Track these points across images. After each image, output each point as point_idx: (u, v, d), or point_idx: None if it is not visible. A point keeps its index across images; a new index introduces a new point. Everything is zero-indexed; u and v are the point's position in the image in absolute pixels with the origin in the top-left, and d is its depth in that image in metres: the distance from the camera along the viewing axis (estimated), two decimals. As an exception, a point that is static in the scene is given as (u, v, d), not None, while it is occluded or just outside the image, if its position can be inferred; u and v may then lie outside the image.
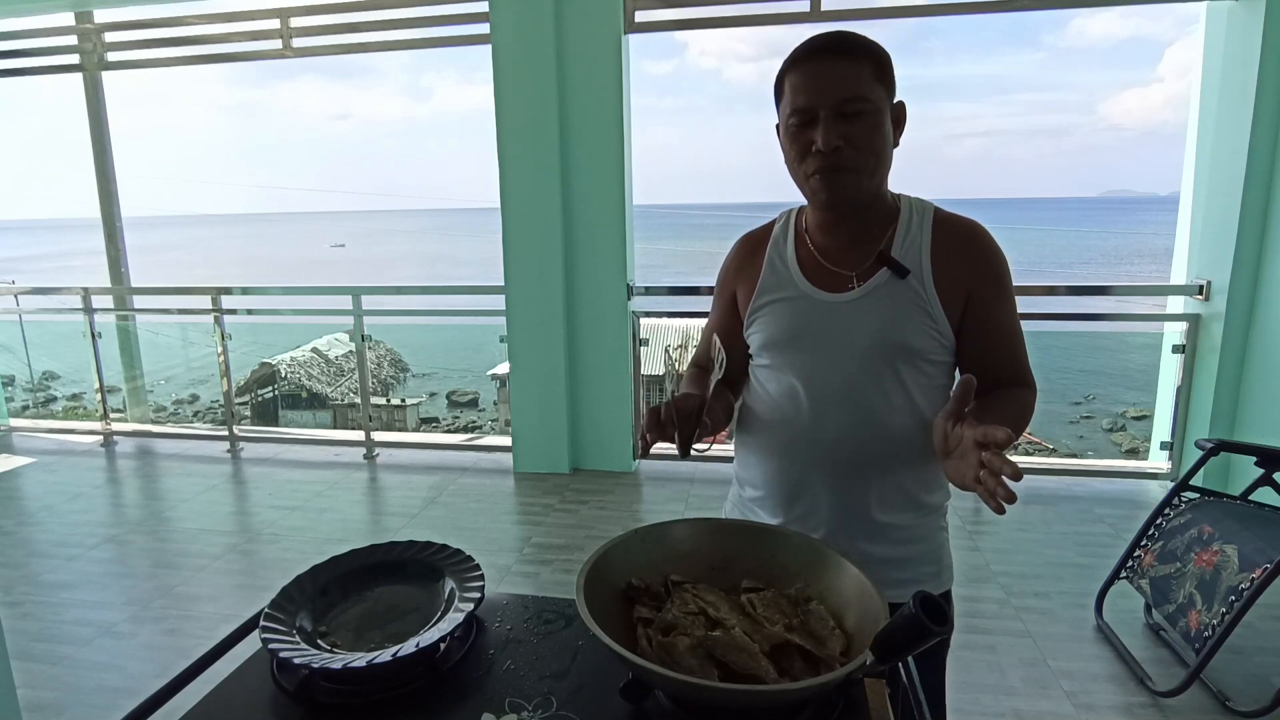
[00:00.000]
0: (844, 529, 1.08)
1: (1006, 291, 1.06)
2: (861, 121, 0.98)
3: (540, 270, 3.88)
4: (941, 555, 1.13)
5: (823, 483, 1.07)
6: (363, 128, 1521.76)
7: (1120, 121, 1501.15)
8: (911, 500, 1.08)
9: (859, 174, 1.00)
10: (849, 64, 0.98)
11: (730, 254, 1.21)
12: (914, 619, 0.67)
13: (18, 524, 3.52)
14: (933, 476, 1.09)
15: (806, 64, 1.00)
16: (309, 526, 3.44)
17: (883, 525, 1.07)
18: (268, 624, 0.89)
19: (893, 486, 1.07)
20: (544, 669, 0.88)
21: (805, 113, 0.99)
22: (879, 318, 1.03)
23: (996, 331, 1.06)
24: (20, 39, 4.62)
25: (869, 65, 0.98)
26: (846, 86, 0.97)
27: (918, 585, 1.08)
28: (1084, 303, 4.30)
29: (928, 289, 1.03)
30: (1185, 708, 2.10)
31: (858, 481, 1.06)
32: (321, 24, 4.16)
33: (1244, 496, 2.38)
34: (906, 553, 1.09)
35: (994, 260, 1.05)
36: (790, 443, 1.09)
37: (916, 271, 1.03)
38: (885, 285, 1.04)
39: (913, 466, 1.07)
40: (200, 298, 4.64)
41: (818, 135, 0.98)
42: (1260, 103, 3.19)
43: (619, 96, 3.72)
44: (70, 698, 2.25)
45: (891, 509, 1.07)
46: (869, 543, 1.08)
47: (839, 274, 1.07)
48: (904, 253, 1.04)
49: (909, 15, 3.71)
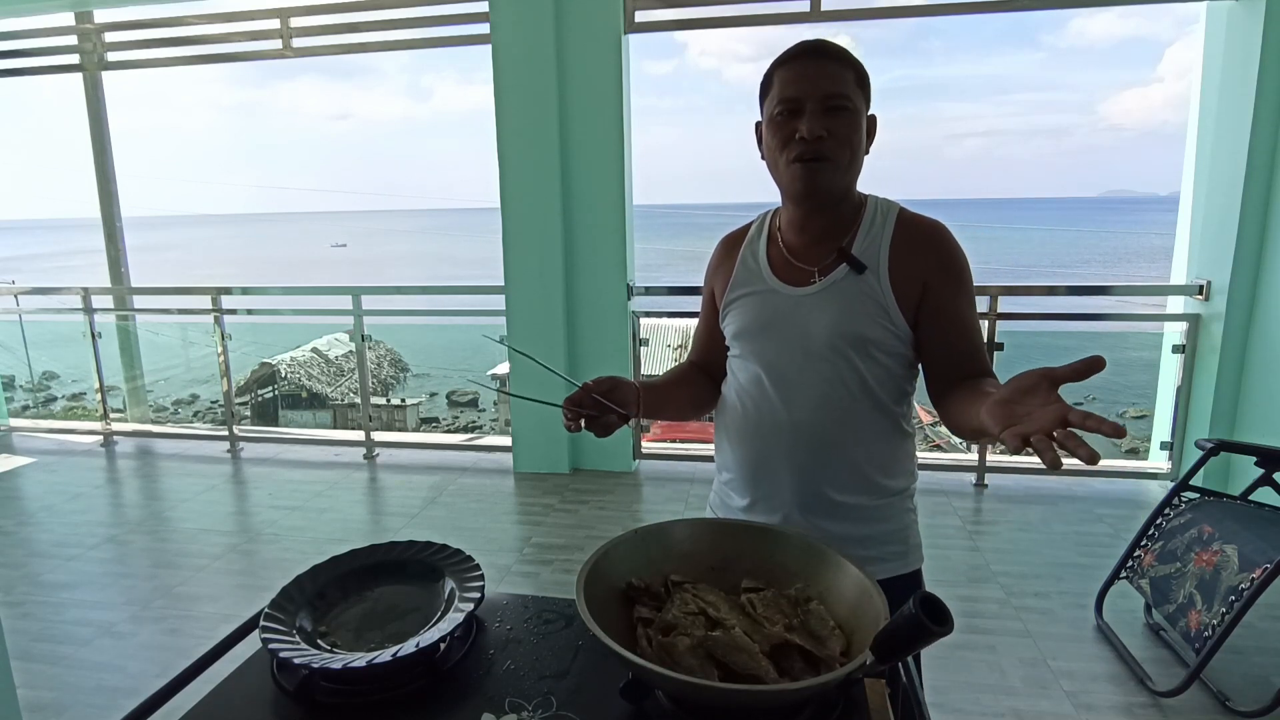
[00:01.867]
0: (805, 508, 1.13)
1: (965, 288, 1.11)
2: (843, 118, 1.04)
3: (540, 270, 3.88)
4: (908, 536, 1.17)
5: (785, 465, 1.13)
6: (363, 128, 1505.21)
7: (1120, 121, 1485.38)
8: (869, 482, 1.13)
9: (836, 165, 1.06)
10: (835, 65, 1.05)
11: (713, 254, 1.28)
12: (914, 619, 0.67)
13: (18, 524, 3.52)
14: (891, 461, 1.14)
15: (797, 61, 1.07)
16: (309, 526, 3.44)
17: (842, 505, 1.13)
18: (268, 624, 0.89)
19: (849, 469, 1.12)
20: (544, 669, 0.88)
21: (792, 102, 1.05)
22: (836, 311, 1.09)
23: (955, 324, 1.09)
24: (20, 39, 4.62)
25: (851, 72, 1.06)
26: (833, 83, 1.04)
27: (884, 563, 1.14)
28: (1084, 303, 4.30)
29: (883, 284, 1.08)
30: (1185, 708, 2.10)
31: (817, 464, 1.12)
32: (321, 24, 4.16)
33: (1244, 496, 2.38)
34: (869, 531, 1.14)
35: (952, 256, 1.10)
36: (756, 427, 1.15)
37: (874, 267, 1.09)
38: (843, 280, 1.10)
39: (868, 451, 1.12)
40: (200, 298, 4.64)
41: (802, 125, 1.04)
42: (1260, 103, 3.19)
43: (619, 96, 3.72)
44: (70, 698, 2.25)
45: (849, 490, 1.12)
46: (829, 521, 1.13)
47: (803, 269, 1.13)
48: (864, 250, 1.10)
49: (909, 15, 3.71)
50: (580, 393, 1.03)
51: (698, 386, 1.27)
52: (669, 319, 4.74)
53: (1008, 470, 3.86)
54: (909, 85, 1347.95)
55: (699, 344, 1.32)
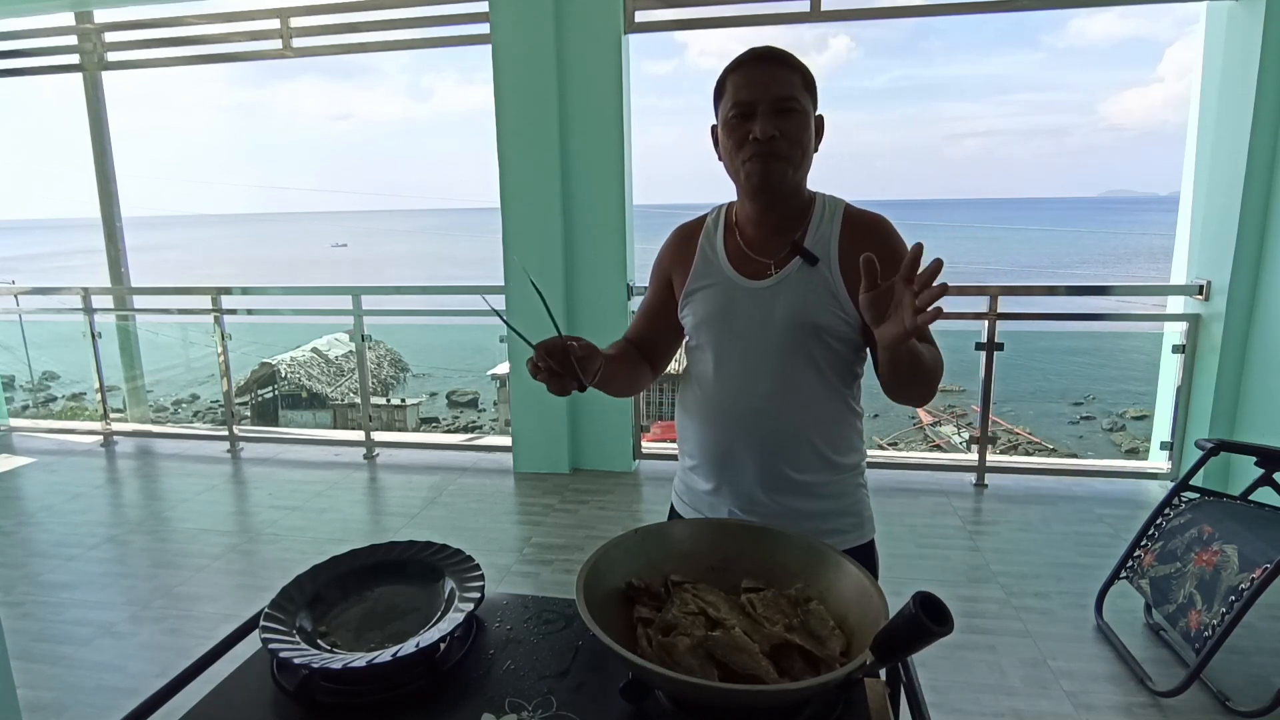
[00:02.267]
0: (766, 488, 1.19)
1: None
2: (794, 119, 1.11)
3: (540, 270, 3.88)
4: (861, 509, 1.25)
5: (747, 448, 1.19)
6: (363, 128, 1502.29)
7: (1120, 121, 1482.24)
8: (826, 461, 1.20)
9: (788, 163, 1.12)
10: (785, 70, 1.12)
11: (666, 242, 1.33)
12: (914, 619, 0.67)
13: (18, 524, 3.52)
14: (843, 440, 1.21)
15: (749, 67, 1.13)
16: (309, 526, 3.44)
17: (801, 483, 1.19)
18: (268, 624, 0.89)
19: (807, 449, 1.19)
20: (544, 669, 0.88)
21: (745, 106, 1.11)
22: (792, 301, 1.15)
23: None
24: (20, 39, 4.62)
25: (799, 76, 1.13)
26: (783, 87, 1.11)
27: (842, 535, 1.21)
28: (1084, 303, 4.30)
29: (834, 275, 1.15)
30: (1185, 708, 2.10)
31: (777, 446, 1.18)
32: (321, 24, 4.16)
33: (1244, 496, 2.38)
34: (827, 507, 1.21)
35: (895, 246, 1.17)
36: (719, 414, 1.21)
37: (825, 259, 1.16)
38: (798, 272, 1.16)
39: (825, 432, 1.19)
40: (200, 298, 4.64)
41: (756, 126, 1.10)
42: (1260, 103, 3.19)
43: (619, 96, 3.72)
44: (70, 698, 2.25)
45: (806, 469, 1.19)
46: (792, 498, 1.19)
47: (760, 262, 1.19)
48: (815, 243, 1.17)
49: (909, 15, 3.71)
50: (559, 344, 1.02)
51: (635, 366, 1.31)
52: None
53: (1008, 470, 3.86)
54: (909, 85, 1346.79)
55: (639, 323, 1.34)
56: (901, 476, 3.83)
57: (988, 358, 3.68)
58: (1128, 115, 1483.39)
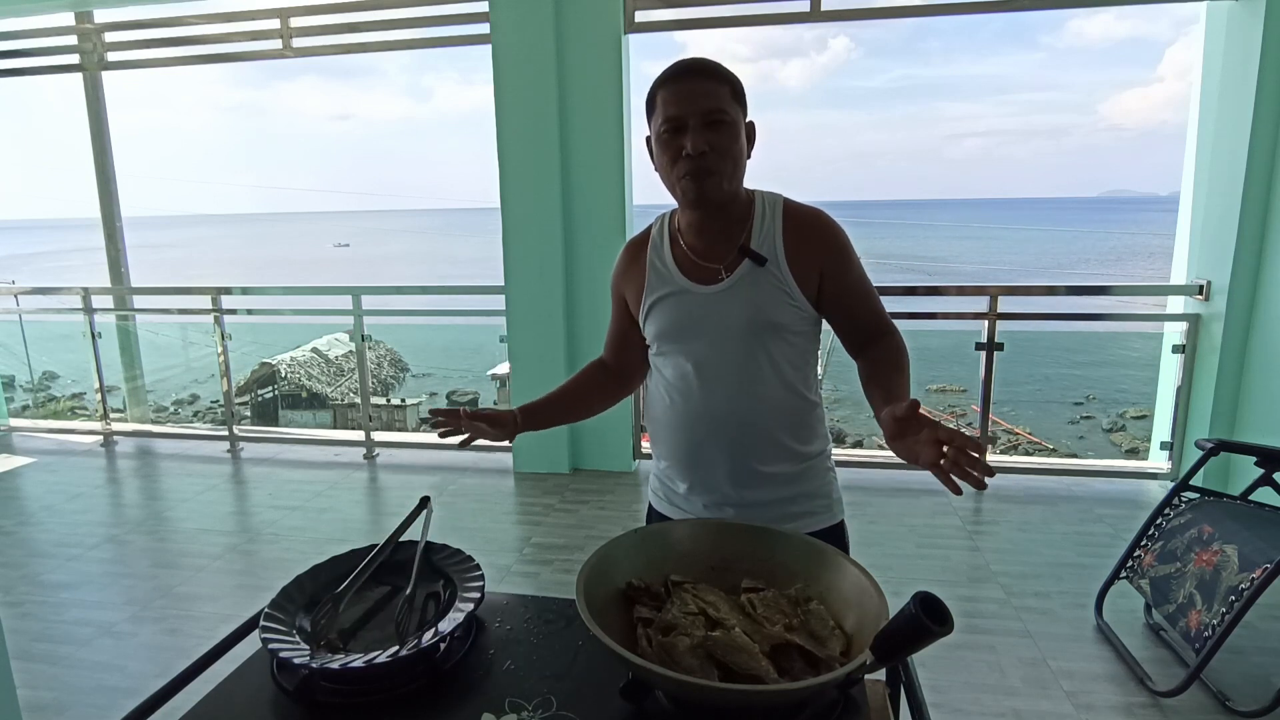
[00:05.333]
0: (736, 483, 1.23)
1: (852, 260, 1.22)
2: (724, 131, 1.12)
3: (540, 270, 3.88)
4: (830, 491, 1.29)
5: (716, 449, 1.22)
6: (363, 128, 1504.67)
7: (1120, 121, 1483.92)
8: (789, 452, 1.23)
9: (721, 176, 1.14)
10: (712, 83, 1.13)
11: (618, 261, 1.36)
12: (914, 619, 0.67)
13: (18, 524, 3.52)
14: (806, 429, 1.25)
15: (677, 81, 1.14)
16: (309, 526, 3.44)
17: (770, 475, 1.23)
18: (268, 624, 0.89)
19: (772, 443, 1.22)
20: (544, 669, 0.88)
21: (676, 120, 1.13)
22: (747, 302, 1.18)
23: (853, 295, 1.22)
24: (20, 39, 4.62)
25: (727, 87, 1.14)
26: (711, 100, 1.12)
27: (812, 517, 1.25)
28: (1084, 303, 4.30)
29: (783, 272, 1.18)
30: (1185, 708, 2.10)
31: (745, 444, 1.21)
32: (321, 24, 4.16)
33: (1244, 496, 2.38)
34: (795, 491, 1.25)
35: (836, 237, 1.20)
36: (685, 418, 1.24)
37: (773, 258, 1.18)
38: (749, 274, 1.18)
39: (788, 425, 1.23)
40: (200, 298, 4.64)
41: (687, 141, 1.12)
42: (1260, 103, 3.19)
43: (619, 96, 3.72)
44: (70, 698, 2.25)
45: (774, 462, 1.22)
46: (760, 490, 1.23)
47: (709, 268, 1.21)
48: (761, 243, 1.19)
49: (908, 15, 3.71)
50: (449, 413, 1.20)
51: (591, 390, 1.39)
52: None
53: (1008, 470, 3.86)
54: (909, 85, 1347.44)
55: (609, 344, 1.42)
56: (901, 476, 3.83)
57: (988, 358, 3.68)
58: (1128, 115, 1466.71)
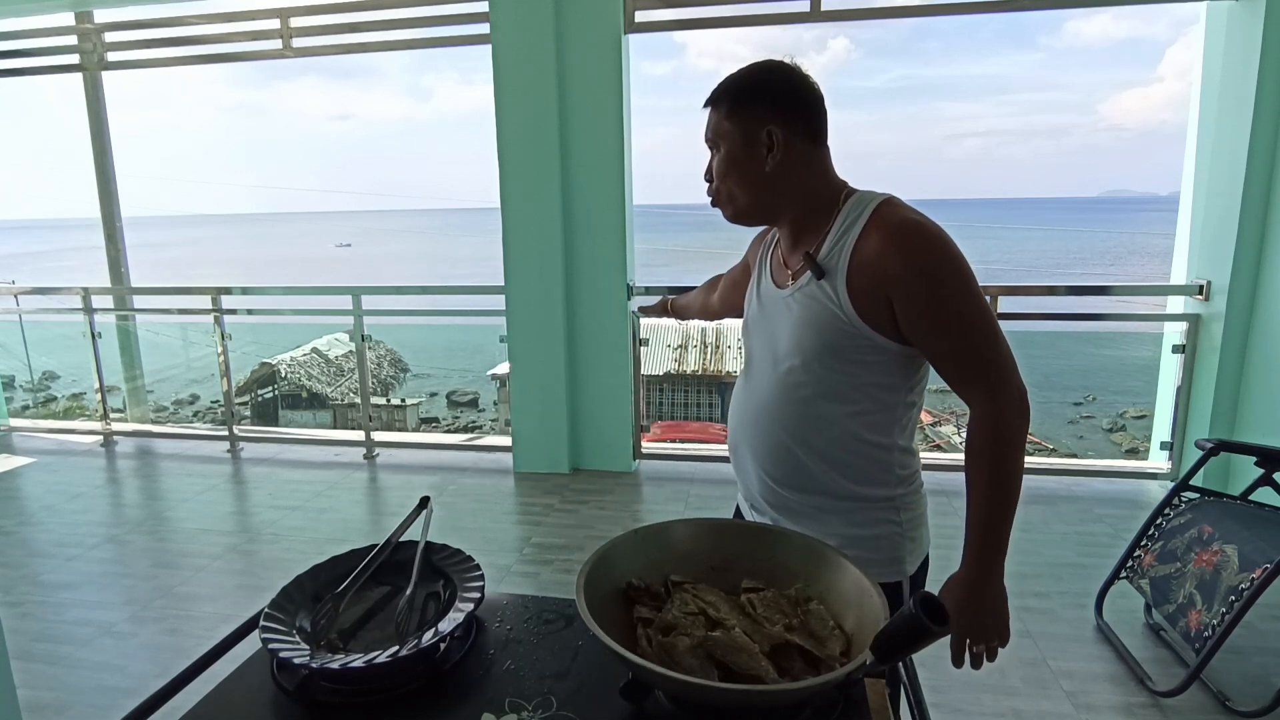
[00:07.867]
0: (764, 496, 1.20)
1: (932, 290, 1.03)
2: (717, 158, 1.15)
3: (540, 270, 3.88)
4: (894, 548, 1.18)
5: (749, 453, 1.21)
6: (363, 128, 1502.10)
7: (1120, 121, 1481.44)
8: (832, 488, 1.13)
9: (721, 202, 1.18)
10: (710, 110, 1.15)
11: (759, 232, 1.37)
12: (914, 619, 0.67)
13: (18, 524, 3.52)
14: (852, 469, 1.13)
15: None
16: (309, 526, 3.44)
17: (799, 504, 1.16)
18: (268, 624, 0.89)
19: (800, 471, 1.14)
20: (544, 669, 0.88)
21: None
22: (798, 313, 1.13)
23: (933, 336, 1.06)
24: (20, 39, 4.62)
25: (724, 106, 1.13)
26: (709, 129, 1.16)
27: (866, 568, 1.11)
28: (1084, 303, 4.30)
29: (839, 289, 1.07)
30: (1185, 708, 2.10)
31: (768, 457, 1.17)
32: (321, 24, 4.16)
33: (1244, 496, 2.38)
34: (841, 533, 1.13)
35: (911, 258, 1.03)
36: (734, 412, 1.27)
37: (835, 272, 1.08)
38: (807, 284, 1.12)
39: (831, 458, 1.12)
40: (200, 298, 4.64)
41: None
42: (1260, 103, 3.19)
43: (619, 96, 3.72)
44: (70, 698, 2.25)
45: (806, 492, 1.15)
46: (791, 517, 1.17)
47: (784, 270, 1.20)
48: (830, 254, 1.09)
49: (908, 15, 3.71)
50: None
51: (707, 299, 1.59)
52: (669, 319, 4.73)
53: (1008, 470, 3.86)
54: (909, 85, 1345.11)
55: (723, 283, 1.55)
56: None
57: (988, 358, 3.67)
58: (1127, 115, 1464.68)
